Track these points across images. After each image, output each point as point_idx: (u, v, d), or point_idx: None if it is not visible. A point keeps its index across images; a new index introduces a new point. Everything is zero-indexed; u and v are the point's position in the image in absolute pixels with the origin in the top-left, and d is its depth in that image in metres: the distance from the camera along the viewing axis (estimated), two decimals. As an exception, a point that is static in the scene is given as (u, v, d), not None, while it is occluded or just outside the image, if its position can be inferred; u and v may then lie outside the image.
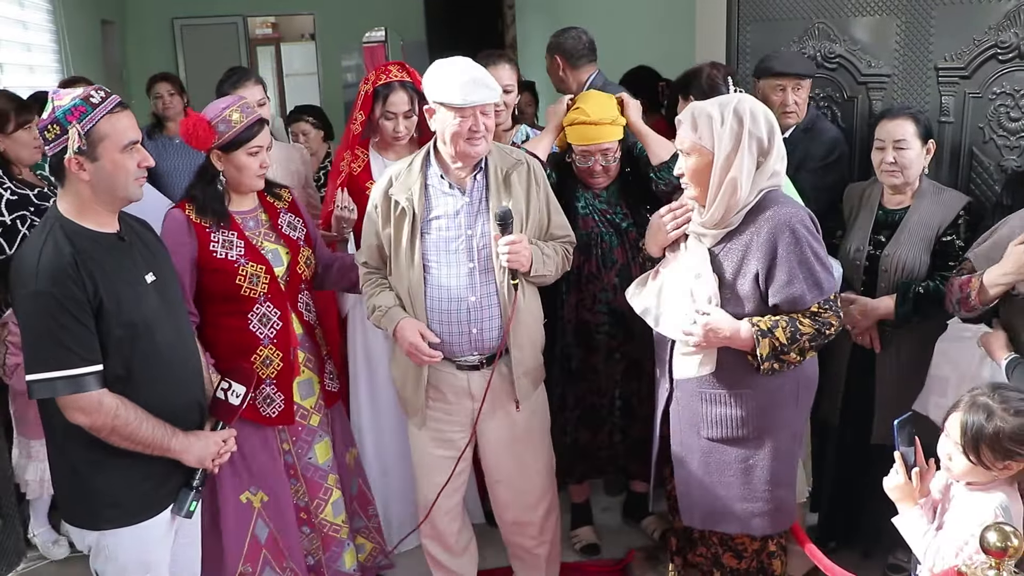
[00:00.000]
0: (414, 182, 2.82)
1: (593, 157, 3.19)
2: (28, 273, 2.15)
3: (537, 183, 2.89)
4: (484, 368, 2.87)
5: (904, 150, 3.00)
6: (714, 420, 2.61)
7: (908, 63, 3.40)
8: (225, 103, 2.86)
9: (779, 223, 2.44)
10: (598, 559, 3.63)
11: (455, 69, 2.72)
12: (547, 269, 2.86)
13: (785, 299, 2.46)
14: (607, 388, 3.36)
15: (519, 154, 2.94)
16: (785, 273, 2.44)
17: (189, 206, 2.84)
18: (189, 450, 2.37)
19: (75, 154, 2.17)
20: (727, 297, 2.52)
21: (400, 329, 2.80)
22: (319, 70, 9.81)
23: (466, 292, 2.80)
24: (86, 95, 2.20)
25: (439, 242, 2.81)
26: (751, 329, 2.46)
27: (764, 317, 2.48)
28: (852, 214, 3.23)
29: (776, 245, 2.44)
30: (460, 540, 3.19)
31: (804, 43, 3.69)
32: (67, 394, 2.17)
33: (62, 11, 6.16)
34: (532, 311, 2.92)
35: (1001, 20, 3.12)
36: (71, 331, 2.14)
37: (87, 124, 2.17)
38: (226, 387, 2.51)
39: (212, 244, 2.82)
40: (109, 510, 2.31)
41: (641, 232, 3.16)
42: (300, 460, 3.09)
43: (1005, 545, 1.85)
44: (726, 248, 2.52)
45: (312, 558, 3.19)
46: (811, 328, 2.45)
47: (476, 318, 2.81)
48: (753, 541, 2.74)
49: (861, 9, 3.52)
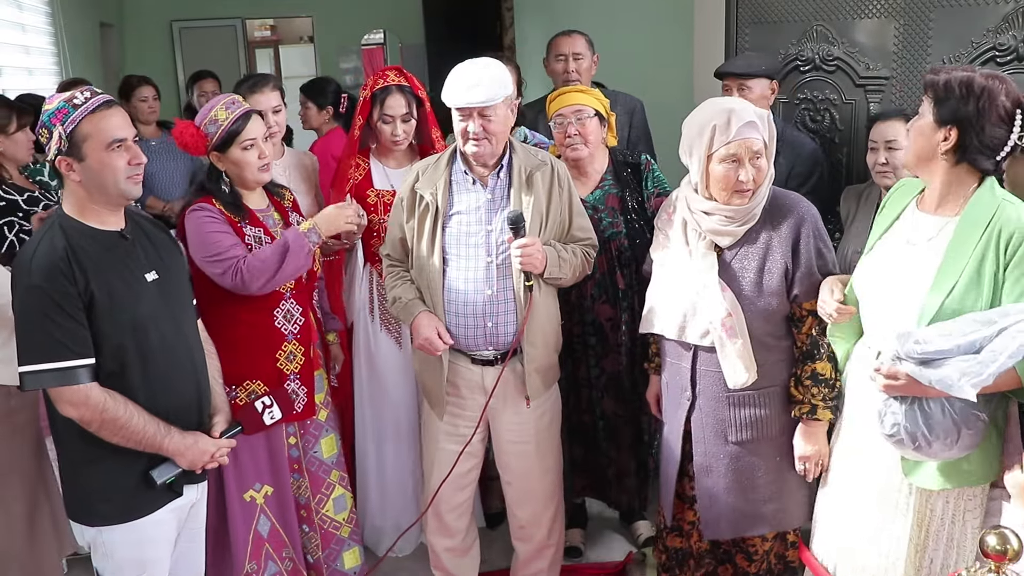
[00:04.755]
0: (439, 177, 2.87)
1: (567, 119, 3.18)
2: (23, 268, 2.20)
3: (560, 185, 2.91)
4: (499, 364, 2.90)
5: (896, 151, 3.02)
6: (744, 422, 2.61)
7: (906, 66, 3.41)
8: (211, 104, 2.87)
9: (798, 217, 2.51)
10: (596, 562, 3.63)
11: (463, 70, 2.78)
12: (563, 272, 2.87)
13: (804, 289, 2.50)
14: (591, 404, 3.36)
15: (544, 155, 2.96)
16: (806, 265, 2.49)
17: (216, 201, 2.85)
18: (183, 453, 2.37)
19: (62, 155, 2.20)
20: (750, 297, 2.53)
21: (417, 323, 2.86)
22: (318, 72, 9.78)
23: (483, 285, 2.84)
24: (70, 97, 2.23)
25: (459, 236, 2.86)
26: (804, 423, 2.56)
27: (793, 396, 2.56)
28: (851, 216, 3.24)
29: (798, 236, 2.49)
30: (466, 539, 3.22)
31: (802, 45, 3.70)
32: (56, 386, 2.20)
33: (61, 14, 6.15)
34: (548, 311, 2.95)
35: (999, 23, 3.13)
36: (61, 325, 2.18)
37: (69, 125, 2.20)
38: (268, 404, 2.60)
39: (247, 238, 2.85)
40: (103, 506, 2.33)
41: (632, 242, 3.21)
42: (306, 454, 3.12)
43: (1004, 548, 1.84)
44: (745, 247, 2.54)
45: (311, 557, 3.20)
46: (828, 366, 2.50)
47: (492, 312, 2.85)
48: (764, 541, 2.75)
49: (859, 12, 3.52)
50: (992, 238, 2.10)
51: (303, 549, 3.20)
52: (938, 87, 2.15)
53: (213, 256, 2.75)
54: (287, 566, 3.10)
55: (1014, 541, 1.85)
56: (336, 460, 3.20)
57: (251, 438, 2.83)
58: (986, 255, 2.10)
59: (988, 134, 2.10)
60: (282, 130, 3.47)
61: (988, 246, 2.10)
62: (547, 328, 2.94)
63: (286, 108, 3.49)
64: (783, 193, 2.58)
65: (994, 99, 2.08)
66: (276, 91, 3.43)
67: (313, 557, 3.21)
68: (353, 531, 3.28)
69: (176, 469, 2.37)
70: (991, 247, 2.10)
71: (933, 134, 2.16)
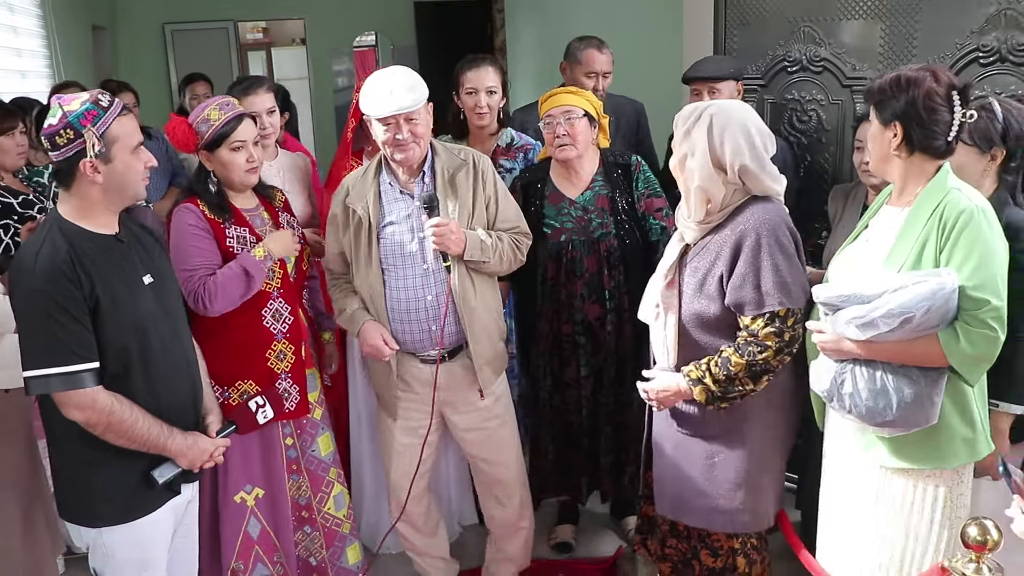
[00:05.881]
0: (368, 190, 2.94)
1: (556, 120, 3.21)
2: (26, 272, 2.17)
3: (483, 180, 2.99)
4: (447, 361, 3.01)
5: None
6: (686, 414, 2.65)
7: (892, 66, 3.43)
8: (205, 104, 2.90)
9: (750, 227, 2.44)
10: (587, 557, 3.66)
11: (376, 82, 2.84)
12: (486, 255, 2.92)
13: (733, 301, 2.47)
14: (578, 401, 3.38)
15: (465, 154, 3.03)
16: (739, 276, 2.44)
17: (201, 202, 2.87)
18: (185, 453, 2.39)
19: (95, 157, 2.20)
20: (689, 296, 2.54)
21: (363, 332, 2.95)
22: (310, 74, 9.80)
23: (423, 292, 2.93)
24: (95, 99, 2.23)
25: (394, 246, 2.93)
26: (685, 380, 2.53)
27: (696, 363, 2.53)
28: (838, 215, 3.26)
29: (740, 248, 2.44)
30: (428, 522, 3.33)
31: (790, 46, 3.73)
32: (62, 390, 2.19)
33: (53, 17, 6.15)
34: (487, 303, 3.03)
35: (983, 24, 3.17)
36: (67, 328, 2.16)
37: (101, 127, 2.20)
38: (261, 403, 2.65)
39: (228, 239, 2.87)
40: (105, 507, 2.33)
41: (622, 242, 3.23)
42: (304, 454, 3.14)
43: (985, 539, 1.88)
44: (703, 246, 2.55)
45: (314, 559, 3.22)
46: (741, 362, 2.44)
47: (435, 316, 2.93)
48: (728, 539, 2.76)
49: (846, 13, 3.56)
50: (936, 222, 2.19)
51: (305, 551, 3.21)
52: (873, 92, 2.30)
53: (181, 268, 2.76)
54: (277, 570, 3.11)
55: (994, 532, 1.88)
56: (333, 458, 3.23)
57: (244, 441, 2.86)
58: (929, 237, 2.19)
59: (929, 120, 2.19)
60: (276, 131, 3.49)
61: (931, 228, 2.19)
62: (488, 322, 3.02)
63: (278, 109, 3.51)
64: (758, 202, 2.50)
65: (922, 86, 2.19)
66: (270, 93, 3.45)
67: (316, 559, 3.22)
68: (353, 527, 3.31)
69: (176, 469, 2.39)
70: (934, 229, 2.19)
71: (883, 135, 2.29)
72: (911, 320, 2.12)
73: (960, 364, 2.17)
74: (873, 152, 2.36)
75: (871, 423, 2.26)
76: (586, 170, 3.32)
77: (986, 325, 2.13)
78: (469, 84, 3.48)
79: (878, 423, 2.25)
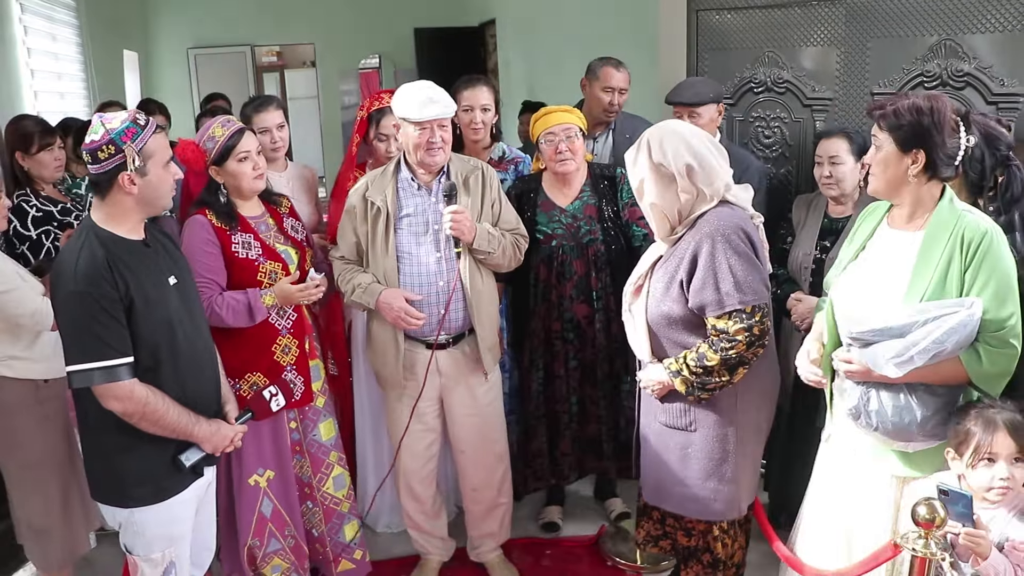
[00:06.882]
0: (387, 185, 2.96)
1: (557, 137, 3.21)
2: (68, 276, 2.17)
3: (489, 185, 3.04)
4: (451, 347, 3.02)
5: (838, 165, 3.05)
6: (664, 407, 2.63)
7: (847, 88, 3.45)
8: (209, 124, 2.90)
9: (705, 234, 2.40)
10: (572, 535, 3.65)
11: (415, 89, 2.87)
12: (492, 247, 2.94)
13: (696, 304, 2.42)
14: (565, 394, 3.37)
15: (475, 162, 3.08)
16: (699, 280, 2.39)
17: (209, 212, 2.86)
18: (209, 439, 2.39)
19: (134, 171, 2.20)
20: (656, 296, 2.52)
21: (384, 299, 2.91)
22: (319, 94, 9.81)
23: (435, 278, 2.94)
24: (134, 118, 2.24)
25: (410, 235, 2.95)
26: (666, 372, 2.51)
27: (676, 357, 2.50)
28: (801, 222, 3.27)
29: (698, 254, 2.41)
30: (435, 504, 3.32)
31: (756, 69, 3.73)
32: (102, 383, 2.19)
33: (90, 44, 6.19)
34: (491, 296, 3.07)
35: (926, 52, 3.17)
36: (106, 326, 2.17)
37: (139, 143, 2.21)
38: (274, 392, 2.66)
39: (234, 245, 2.86)
40: (138, 489, 2.33)
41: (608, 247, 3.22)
42: (306, 437, 3.13)
43: (932, 517, 1.89)
44: (669, 254, 2.52)
45: (316, 531, 3.22)
46: (716, 357, 2.39)
47: (445, 301, 2.94)
48: (699, 522, 2.73)
49: (805, 40, 3.56)
50: (956, 243, 2.08)
51: (308, 523, 3.21)
52: (890, 117, 2.11)
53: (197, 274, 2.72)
54: (289, 543, 3.11)
55: (941, 511, 1.90)
56: (334, 442, 3.20)
57: (256, 428, 2.86)
58: (952, 259, 2.08)
59: (948, 146, 2.08)
60: (285, 144, 3.48)
61: (953, 251, 2.08)
62: (492, 311, 3.08)
63: (288, 125, 3.50)
64: (716, 211, 2.45)
65: (943, 113, 2.07)
66: (279, 110, 3.45)
67: (317, 531, 3.22)
68: (352, 506, 3.29)
69: (201, 453, 2.39)
70: (956, 251, 2.07)
71: (900, 161, 2.12)
72: (943, 352, 2.03)
73: (982, 382, 2.10)
74: (883, 176, 2.18)
75: (897, 439, 2.18)
76: (576, 181, 3.32)
77: (1007, 344, 2.06)
78: (465, 102, 3.46)
79: (904, 439, 2.17)
